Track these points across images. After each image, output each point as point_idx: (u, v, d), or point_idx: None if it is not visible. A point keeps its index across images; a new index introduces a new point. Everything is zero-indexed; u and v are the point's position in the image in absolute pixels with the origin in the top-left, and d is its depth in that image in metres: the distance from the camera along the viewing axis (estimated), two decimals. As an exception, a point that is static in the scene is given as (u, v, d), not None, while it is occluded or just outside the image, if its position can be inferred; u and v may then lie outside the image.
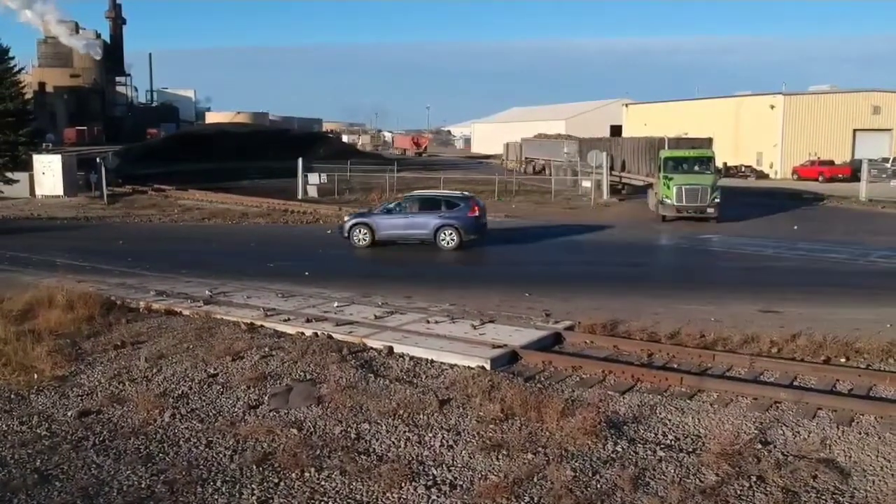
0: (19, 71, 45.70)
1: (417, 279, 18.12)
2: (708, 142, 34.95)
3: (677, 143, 35.86)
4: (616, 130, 77.70)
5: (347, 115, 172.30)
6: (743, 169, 61.37)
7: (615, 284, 17.61)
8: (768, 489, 7.23)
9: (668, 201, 30.21)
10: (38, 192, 39.10)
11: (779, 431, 8.65)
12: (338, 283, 16.72)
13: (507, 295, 15.53)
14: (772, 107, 61.90)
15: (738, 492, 7.19)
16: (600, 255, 23.15)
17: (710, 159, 31.68)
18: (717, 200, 29.74)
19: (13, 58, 43.78)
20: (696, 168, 31.03)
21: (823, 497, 7.11)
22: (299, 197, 38.76)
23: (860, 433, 8.55)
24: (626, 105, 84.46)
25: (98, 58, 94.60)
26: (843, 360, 11.23)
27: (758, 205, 35.76)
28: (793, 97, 62.46)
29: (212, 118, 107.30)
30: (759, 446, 8.23)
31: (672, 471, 7.63)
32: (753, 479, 7.42)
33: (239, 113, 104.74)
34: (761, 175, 59.92)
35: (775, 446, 8.26)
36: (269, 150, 61.28)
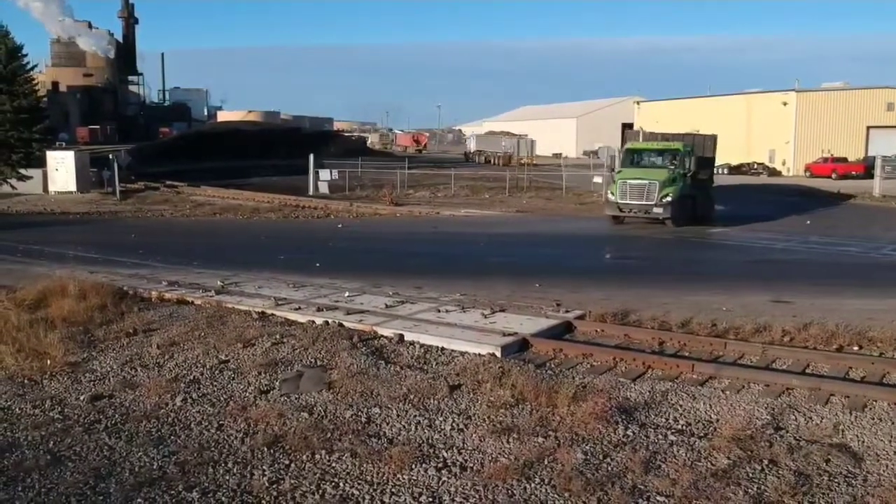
0: (32, 68, 46.00)
1: (428, 270, 18.14)
2: (711, 139, 32.58)
3: (659, 137, 32.36)
4: (628, 129, 77.57)
5: (358, 114, 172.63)
6: (755, 166, 61.17)
7: (625, 276, 17.62)
8: (781, 472, 7.18)
9: (612, 198, 26.89)
10: (51, 188, 39.42)
11: (791, 417, 8.60)
12: (348, 275, 16.76)
13: (517, 285, 15.53)
14: (784, 104, 61.71)
15: (751, 475, 7.14)
16: (610, 247, 23.11)
17: (679, 153, 27.29)
18: (669, 199, 25.62)
19: (26, 55, 44.07)
20: (659, 162, 27.23)
21: (836, 480, 7.06)
22: (310, 193, 38.94)
23: (873, 419, 8.48)
24: (638, 103, 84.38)
25: (111, 57, 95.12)
26: (855, 348, 11.17)
27: (773, 203, 35.42)
28: (806, 94, 62.26)
29: (223, 117, 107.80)
30: (772, 431, 8.18)
31: (683, 454, 7.60)
32: (766, 462, 7.37)
33: (250, 112, 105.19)
34: (774, 172, 59.76)
35: (788, 431, 8.21)
36: (280, 149, 61.53)
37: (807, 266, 19.41)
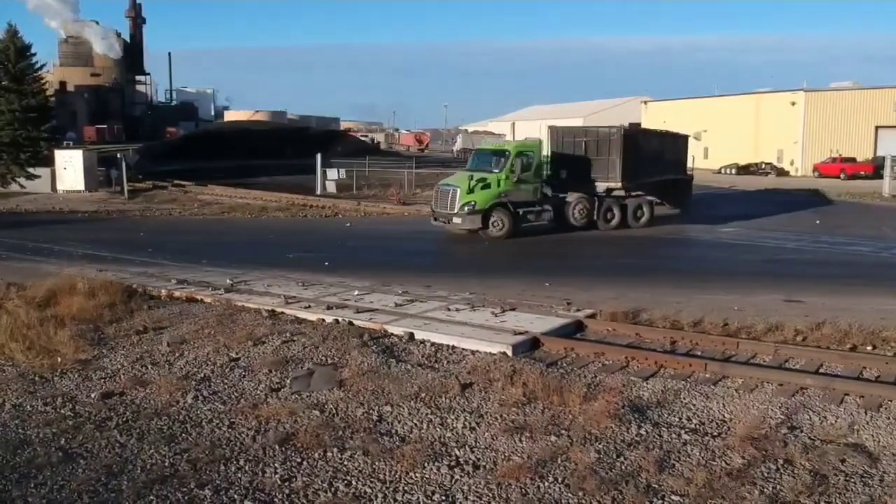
0: (41, 68, 46.08)
1: (436, 269, 18.11)
2: (682, 139, 31.60)
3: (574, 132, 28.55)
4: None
5: (365, 113, 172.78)
6: (763, 166, 60.96)
7: (635, 275, 17.55)
8: (796, 472, 7.12)
9: (432, 204, 25.25)
10: (60, 186, 39.50)
11: (805, 416, 8.54)
12: (357, 273, 16.73)
13: (527, 284, 15.49)
14: (793, 103, 61.47)
15: (766, 474, 7.09)
16: (620, 247, 23.04)
17: (506, 156, 24.45)
18: (468, 208, 23.24)
19: (35, 54, 44.16)
20: (488, 166, 24.80)
21: (853, 480, 7.00)
22: (318, 192, 38.94)
23: (889, 418, 8.41)
24: (645, 102, 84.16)
25: (118, 57, 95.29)
26: (869, 348, 11.09)
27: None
28: (814, 94, 61.99)
29: (230, 117, 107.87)
30: (786, 431, 8.12)
31: (697, 453, 7.54)
32: (781, 462, 7.31)
33: (257, 112, 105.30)
34: (782, 172, 59.51)
35: (802, 431, 8.15)
36: (287, 148, 61.54)
37: (818, 266, 19.32)
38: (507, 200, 23.95)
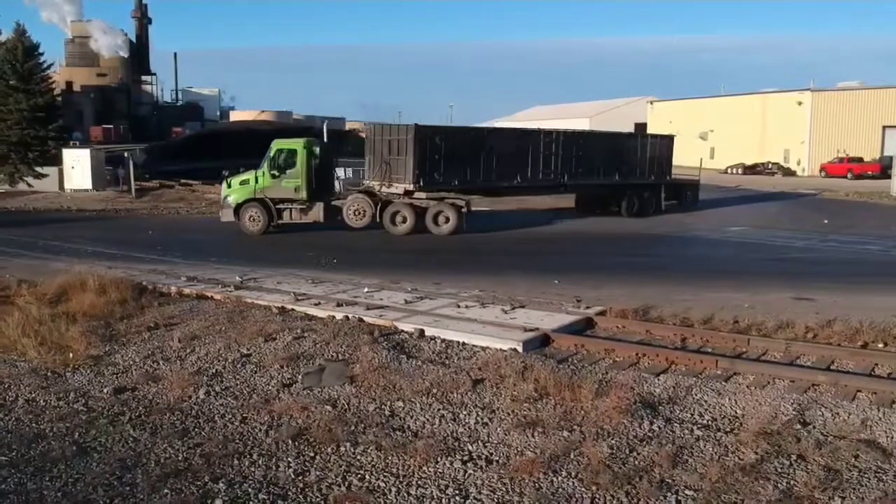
0: (48, 67, 46.19)
1: (446, 267, 18.13)
2: (667, 140, 31.52)
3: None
4: (641, 129, 77.30)
5: (371, 113, 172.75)
6: (770, 166, 60.84)
7: (644, 273, 17.55)
8: (809, 467, 7.11)
9: None
10: (67, 185, 39.63)
11: (818, 413, 8.52)
12: (366, 271, 16.78)
13: (536, 282, 15.50)
14: (799, 103, 61.35)
15: (779, 469, 7.08)
16: (627, 245, 23.03)
17: (269, 154, 25.17)
18: (226, 202, 25.05)
19: (42, 53, 44.28)
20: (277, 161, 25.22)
21: (866, 476, 6.98)
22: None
23: (902, 415, 8.40)
24: (651, 102, 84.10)
25: (125, 56, 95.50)
26: (880, 345, 11.07)
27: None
28: (821, 93, 61.84)
29: (236, 117, 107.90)
30: (799, 427, 8.11)
31: (710, 449, 7.54)
32: (794, 457, 7.31)
33: (263, 112, 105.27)
34: (788, 172, 59.43)
35: (815, 427, 8.14)
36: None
37: (827, 264, 19.28)
38: (264, 196, 24.75)
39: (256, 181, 24.83)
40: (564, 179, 28.66)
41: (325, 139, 28.16)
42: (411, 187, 25.25)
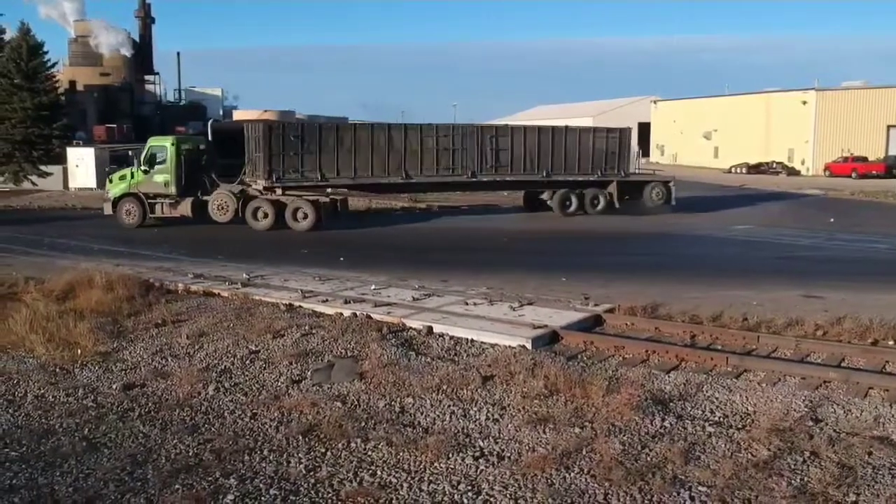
0: (53, 66, 46.27)
1: (453, 265, 18.09)
2: (626, 133, 30.14)
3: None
4: (644, 128, 77.19)
5: (373, 113, 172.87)
6: (774, 165, 60.68)
7: (652, 271, 17.51)
8: (823, 464, 7.07)
9: None
10: (72, 184, 39.71)
11: (830, 409, 8.49)
12: (374, 268, 16.75)
13: (544, 279, 15.48)
14: (804, 103, 61.14)
15: (793, 466, 7.04)
16: (634, 244, 23.01)
17: (144, 151, 26.16)
18: (106, 196, 26.29)
19: (47, 52, 44.35)
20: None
21: (881, 472, 6.94)
22: (328, 190, 38.91)
23: (914, 412, 8.36)
24: (655, 102, 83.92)
25: (126, 55, 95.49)
26: (891, 342, 11.02)
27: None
28: (825, 93, 61.62)
29: (239, 116, 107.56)
30: (811, 423, 8.07)
31: (723, 445, 7.51)
32: (807, 454, 7.27)
33: (266, 111, 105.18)
34: (792, 172, 59.22)
35: (827, 423, 8.10)
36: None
37: (834, 262, 19.23)
38: (138, 191, 25.61)
39: (132, 177, 25.85)
40: (475, 176, 28.10)
41: (210, 138, 28.30)
42: (266, 183, 25.73)
